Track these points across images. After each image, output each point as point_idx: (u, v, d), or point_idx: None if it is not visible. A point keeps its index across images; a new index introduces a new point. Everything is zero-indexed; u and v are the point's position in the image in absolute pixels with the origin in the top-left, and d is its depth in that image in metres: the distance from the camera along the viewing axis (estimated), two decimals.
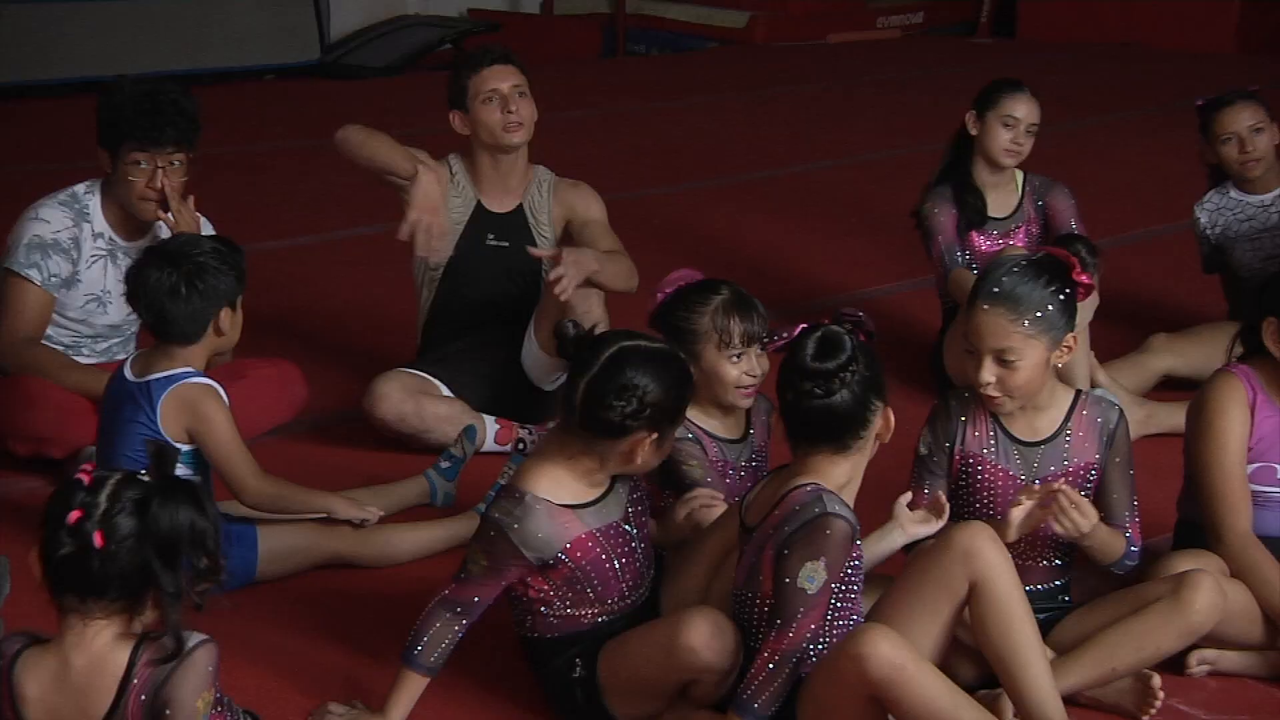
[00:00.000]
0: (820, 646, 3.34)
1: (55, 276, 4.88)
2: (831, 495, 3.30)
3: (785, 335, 3.41)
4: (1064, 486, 3.55)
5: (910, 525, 3.63)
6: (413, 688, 3.46)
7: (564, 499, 3.47)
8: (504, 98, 5.10)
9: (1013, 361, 3.57)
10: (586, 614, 3.53)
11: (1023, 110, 5.58)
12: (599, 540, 3.50)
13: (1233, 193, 5.68)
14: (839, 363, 3.30)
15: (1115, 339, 5.68)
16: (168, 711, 2.76)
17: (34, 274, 4.87)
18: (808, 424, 3.36)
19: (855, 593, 3.39)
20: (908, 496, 3.69)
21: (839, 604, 3.35)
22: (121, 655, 2.79)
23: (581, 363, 3.48)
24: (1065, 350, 3.62)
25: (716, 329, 3.82)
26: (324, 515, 4.32)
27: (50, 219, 4.91)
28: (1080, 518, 3.53)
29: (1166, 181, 8.57)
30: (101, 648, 2.80)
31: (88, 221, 4.94)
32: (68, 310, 4.94)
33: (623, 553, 3.55)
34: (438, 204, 5.03)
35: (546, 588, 3.49)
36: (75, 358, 4.91)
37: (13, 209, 5.09)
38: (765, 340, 3.75)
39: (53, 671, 2.82)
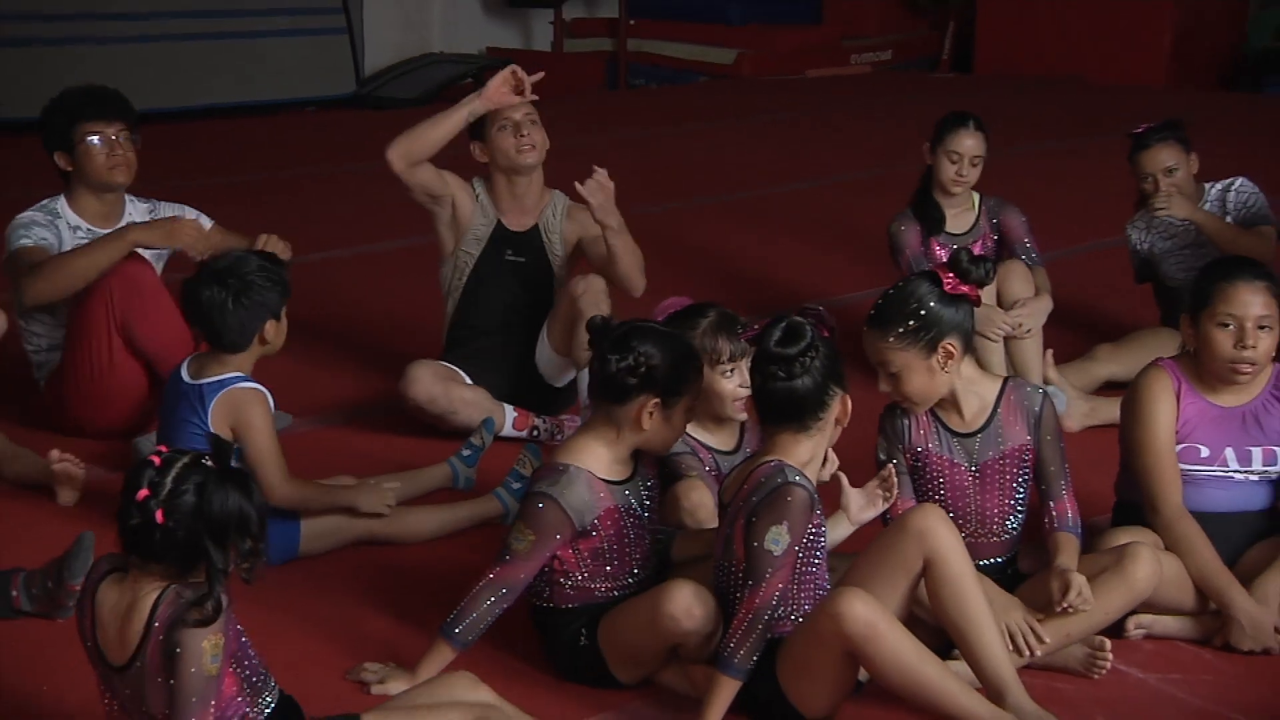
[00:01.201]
0: (791, 611, 3.37)
1: (44, 240, 4.95)
2: (792, 468, 3.34)
3: (756, 326, 3.44)
4: (1079, 600, 3.53)
5: (856, 514, 3.64)
6: (444, 657, 3.48)
7: (600, 472, 3.51)
8: (517, 125, 5.11)
9: (894, 373, 3.62)
10: (601, 587, 3.55)
11: (965, 145, 5.56)
12: (622, 516, 3.54)
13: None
14: (799, 349, 3.34)
15: (1063, 340, 5.67)
16: (178, 650, 2.77)
17: (27, 241, 4.95)
18: (773, 405, 3.40)
19: (819, 559, 3.42)
20: (849, 488, 3.68)
21: (804, 569, 3.37)
22: (150, 601, 2.82)
23: (602, 341, 3.54)
24: (944, 355, 3.61)
25: (707, 348, 3.80)
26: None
27: (22, 219, 5.02)
28: (1084, 591, 3.53)
29: (1106, 200, 8.53)
30: (143, 595, 2.84)
31: (60, 219, 5.02)
32: None
33: (638, 534, 3.58)
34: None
35: (573, 559, 3.52)
36: None
37: None
38: (741, 333, 3.71)
39: (112, 602, 2.86)
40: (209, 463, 2.84)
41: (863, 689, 3.44)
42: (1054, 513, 3.72)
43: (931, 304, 3.60)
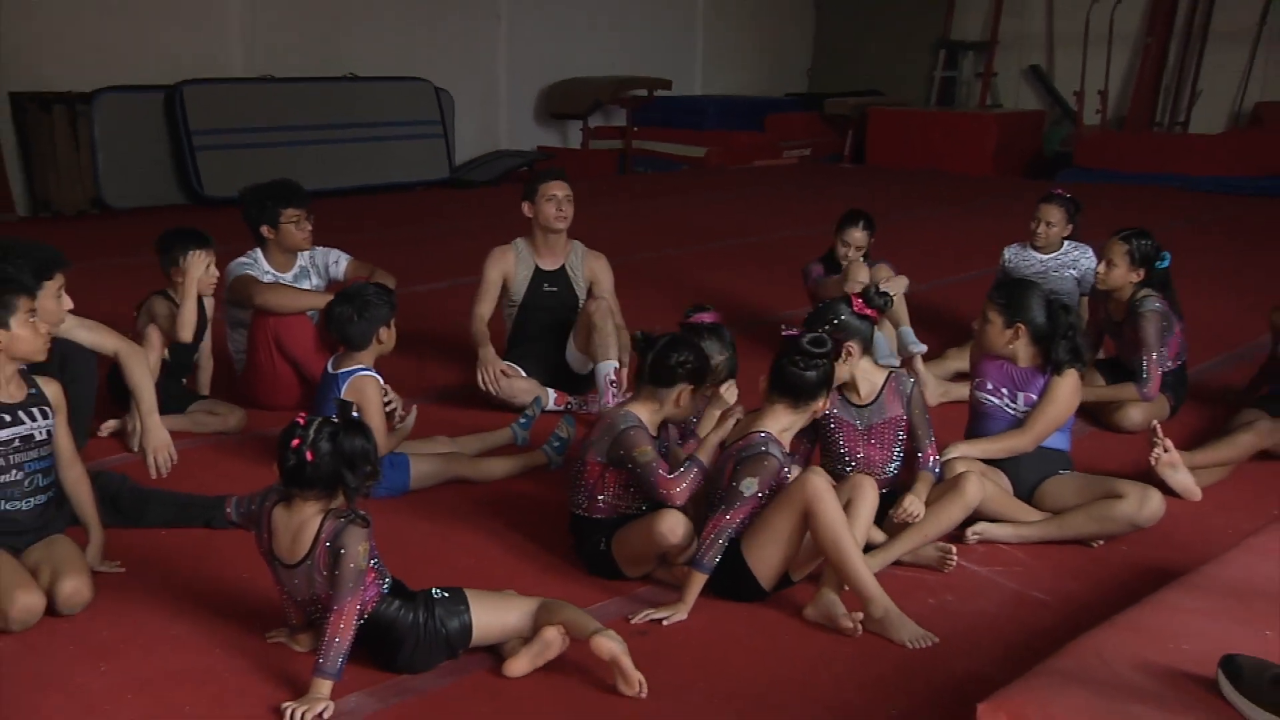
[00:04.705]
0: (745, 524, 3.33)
1: (255, 275, 4.98)
2: (776, 442, 3.32)
3: (796, 329, 3.44)
4: (907, 513, 3.55)
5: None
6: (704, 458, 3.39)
7: (647, 424, 3.49)
8: (558, 201, 5.11)
9: None
10: (620, 506, 3.52)
11: (852, 238, 5.64)
12: None
13: (1029, 249, 5.72)
14: (822, 352, 3.37)
15: (931, 342, 5.69)
16: (343, 550, 2.79)
17: (251, 271, 4.97)
18: (786, 382, 3.37)
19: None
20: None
21: (764, 505, 3.33)
22: (317, 522, 2.85)
23: (648, 348, 3.52)
24: (847, 354, 3.64)
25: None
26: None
27: (241, 261, 5.04)
28: (909, 509, 3.55)
29: (958, 249, 8.59)
30: (307, 515, 2.87)
31: (258, 265, 5.04)
32: None
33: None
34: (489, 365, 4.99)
35: (613, 482, 3.47)
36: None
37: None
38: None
39: (284, 521, 2.89)
40: (335, 419, 2.88)
41: (790, 585, 3.42)
42: (919, 459, 3.72)
43: (844, 316, 3.62)
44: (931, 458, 3.72)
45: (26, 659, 3.00)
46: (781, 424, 3.37)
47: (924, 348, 5.39)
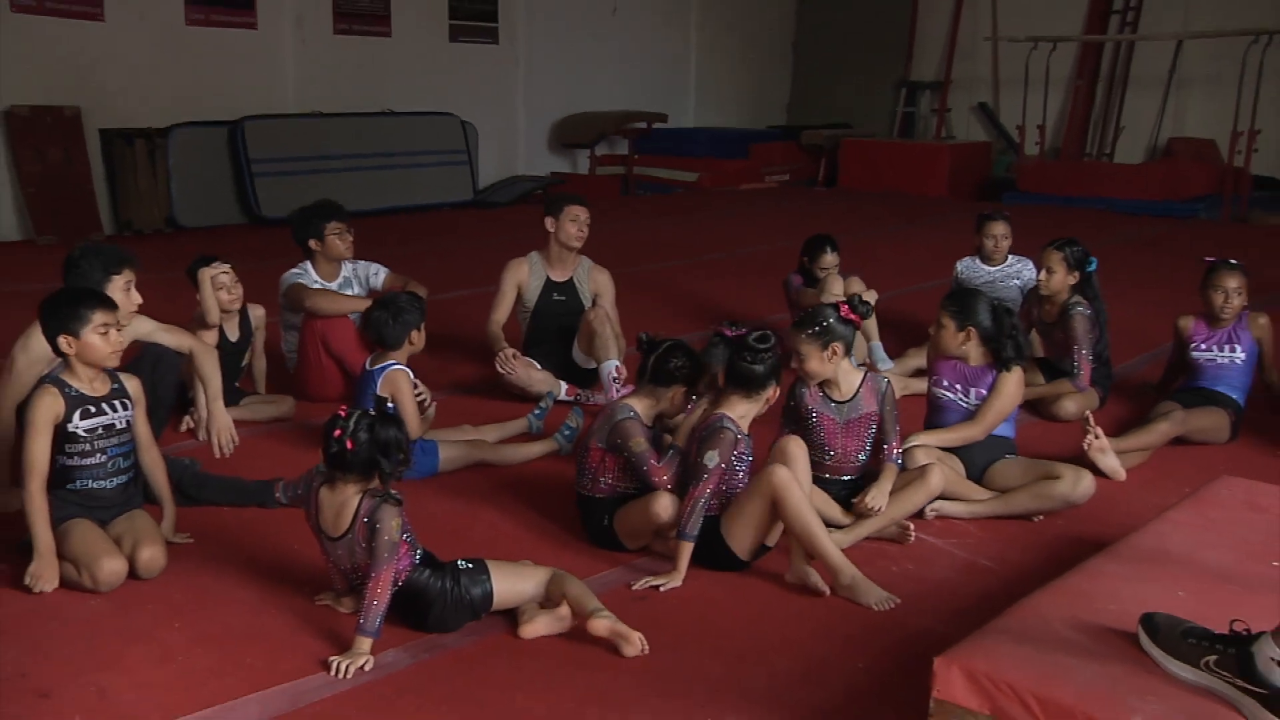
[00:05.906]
0: (724, 500, 3.33)
1: (305, 284, 4.99)
2: (730, 419, 3.30)
3: (743, 329, 3.40)
4: (868, 507, 3.51)
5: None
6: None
7: (642, 416, 3.50)
8: (580, 223, 5.12)
9: (802, 356, 3.58)
10: (620, 487, 3.51)
11: (825, 261, 5.62)
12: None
13: (978, 261, 5.71)
14: (766, 347, 3.32)
15: (893, 342, 5.68)
16: (378, 526, 2.80)
17: (303, 280, 4.98)
18: (737, 376, 3.35)
19: (742, 471, 3.36)
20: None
21: (731, 476, 3.34)
22: (356, 501, 2.85)
23: (651, 350, 3.52)
24: (832, 353, 3.57)
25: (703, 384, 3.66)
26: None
27: (293, 271, 5.05)
28: (872, 502, 3.51)
29: (917, 262, 8.60)
30: (348, 495, 2.87)
31: (308, 274, 5.05)
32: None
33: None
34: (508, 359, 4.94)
35: (612, 466, 3.47)
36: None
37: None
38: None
39: (329, 500, 2.89)
40: (372, 412, 2.88)
41: (768, 551, 3.43)
42: (885, 450, 3.70)
43: (830, 320, 3.59)
44: (895, 450, 3.70)
45: (113, 616, 3.03)
46: (738, 411, 3.36)
47: (891, 364, 5.36)
